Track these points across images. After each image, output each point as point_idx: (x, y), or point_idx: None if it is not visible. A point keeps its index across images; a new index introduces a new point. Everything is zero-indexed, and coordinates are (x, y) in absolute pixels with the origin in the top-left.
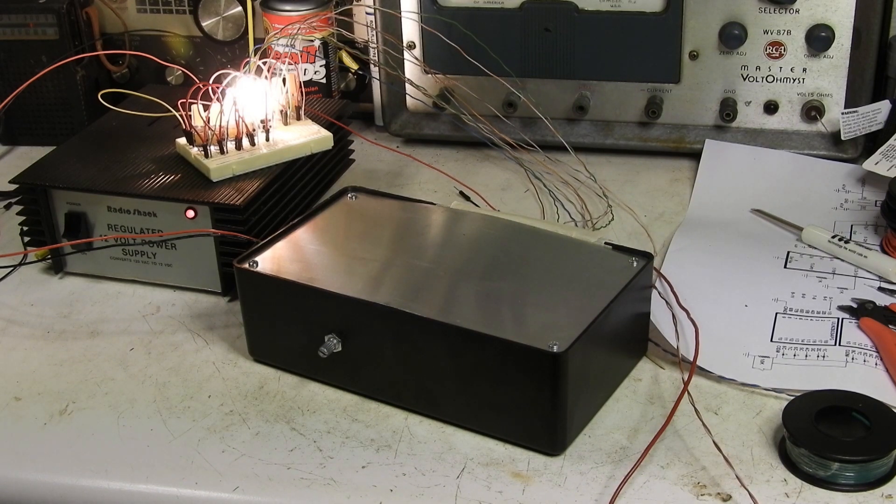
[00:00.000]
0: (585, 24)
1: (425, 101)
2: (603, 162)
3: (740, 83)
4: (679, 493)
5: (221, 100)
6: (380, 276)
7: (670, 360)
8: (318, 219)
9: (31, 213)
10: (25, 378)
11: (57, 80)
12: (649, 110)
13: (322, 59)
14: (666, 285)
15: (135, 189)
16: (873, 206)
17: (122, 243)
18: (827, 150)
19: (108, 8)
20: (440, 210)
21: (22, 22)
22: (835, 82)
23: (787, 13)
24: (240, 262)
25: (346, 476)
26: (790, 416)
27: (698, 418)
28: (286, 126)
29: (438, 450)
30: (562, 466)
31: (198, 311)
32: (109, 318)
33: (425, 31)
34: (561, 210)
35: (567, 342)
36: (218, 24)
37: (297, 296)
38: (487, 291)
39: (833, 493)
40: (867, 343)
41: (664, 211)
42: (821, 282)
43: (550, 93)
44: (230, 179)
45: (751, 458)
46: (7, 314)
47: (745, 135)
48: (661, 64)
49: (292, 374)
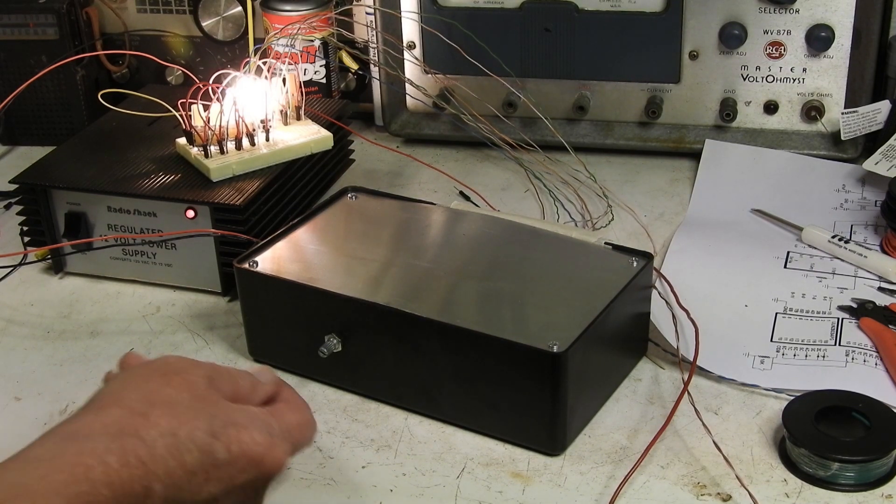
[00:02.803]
0: (585, 24)
1: (425, 101)
2: (603, 162)
3: (740, 83)
4: (679, 493)
5: (221, 100)
6: (380, 277)
7: (670, 360)
8: (318, 219)
9: (31, 213)
10: (25, 378)
11: (57, 80)
12: (649, 110)
13: (322, 59)
14: (666, 285)
15: (135, 189)
16: (873, 206)
17: (122, 243)
18: (827, 150)
19: (108, 8)
20: (440, 210)
21: (22, 22)
22: (835, 82)
23: (787, 13)
24: (240, 261)
25: (346, 476)
26: (790, 416)
27: (698, 418)
28: (286, 126)
29: (438, 450)
30: (562, 466)
31: (198, 311)
32: (109, 318)
33: (425, 31)
34: (561, 210)
35: (567, 342)
36: (218, 24)
37: (298, 296)
38: (487, 291)
39: (833, 493)
40: (867, 343)
41: (664, 211)
42: (821, 282)
43: (550, 93)
44: (230, 179)
45: (751, 458)
46: (7, 314)
47: (745, 135)
48: (661, 64)
49: (292, 374)
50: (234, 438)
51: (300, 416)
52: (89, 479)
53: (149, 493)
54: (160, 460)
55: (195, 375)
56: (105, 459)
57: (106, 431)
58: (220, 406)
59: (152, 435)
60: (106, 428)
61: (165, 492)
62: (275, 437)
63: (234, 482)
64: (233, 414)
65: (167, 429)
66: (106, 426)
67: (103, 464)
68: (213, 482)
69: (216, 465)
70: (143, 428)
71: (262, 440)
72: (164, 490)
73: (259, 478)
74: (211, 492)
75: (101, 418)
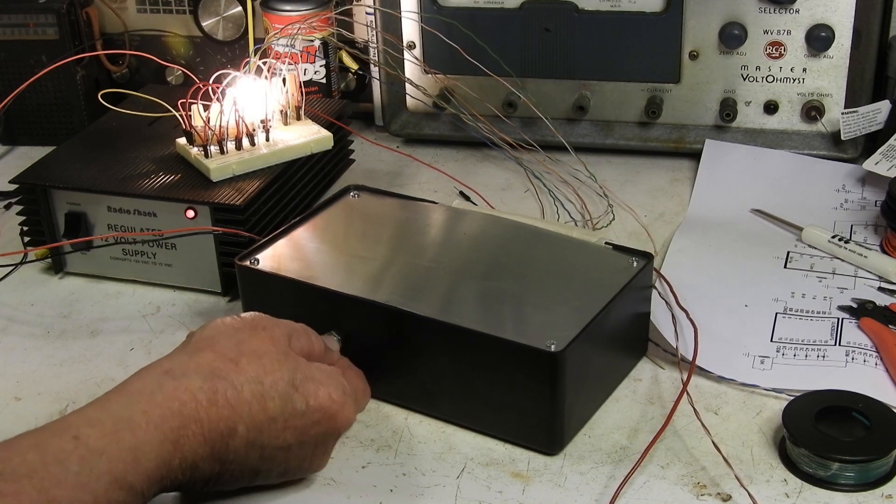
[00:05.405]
0: (585, 24)
1: (425, 101)
2: (603, 162)
3: (740, 83)
4: (679, 493)
5: (221, 100)
6: (380, 275)
7: (670, 360)
8: (319, 217)
9: (31, 212)
10: (25, 378)
11: (57, 80)
12: (649, 110)
13: (322, 59)
14: (666, 285)
15: (135, 189)
16: (873, 206)
17: (121, 241)
18: (827, 150)
19: (108, 8)
20: (441, 209)
21: (22, 22)
22: (835, 82)
23: (787, 13)
24: (241, 259)
25: (346, 476)
26: (790, 416)
27: (698, 418)
28: (286, 126)
29: (438, 450)
30: (562, 466)
31: (198, 311)
32: (109, 318)
33: (425, 31)
34: (561, 210)
35: (565, 342)
36: (218, 24)
37: (298, 294)
38: (488, 290)
39: (833, 493)
40: (867, 343)
41: (664, 211)
42: (821, 282)
43: (550, 93)
44: (230, 179)
45: (751, 458)
46: (7, 314)
47: (745, 135)
48: (661, 64)
49: None
50: (313, 393)
51: (362, 382)
52: (182, 414)
53: (233, 433)
54: (245, 404)
55: (278, 332)
56: (197, 397)
57: (199, 372)
58: (300, 362)
59: (241, 380)
60: (200, 368)
61: (248, 434)
62: (347, 396)
63: (308, 433)
64: (312, 371)
65: (254, 376)
66: (200, 367)
67: (195, 401)
68: (289, 430)
69: (294, 415)
70: (234, 372)
71: (337, 397)
72: (246, 432)
73: (329, 433)
74: (287, 439)
75: (195, 359)
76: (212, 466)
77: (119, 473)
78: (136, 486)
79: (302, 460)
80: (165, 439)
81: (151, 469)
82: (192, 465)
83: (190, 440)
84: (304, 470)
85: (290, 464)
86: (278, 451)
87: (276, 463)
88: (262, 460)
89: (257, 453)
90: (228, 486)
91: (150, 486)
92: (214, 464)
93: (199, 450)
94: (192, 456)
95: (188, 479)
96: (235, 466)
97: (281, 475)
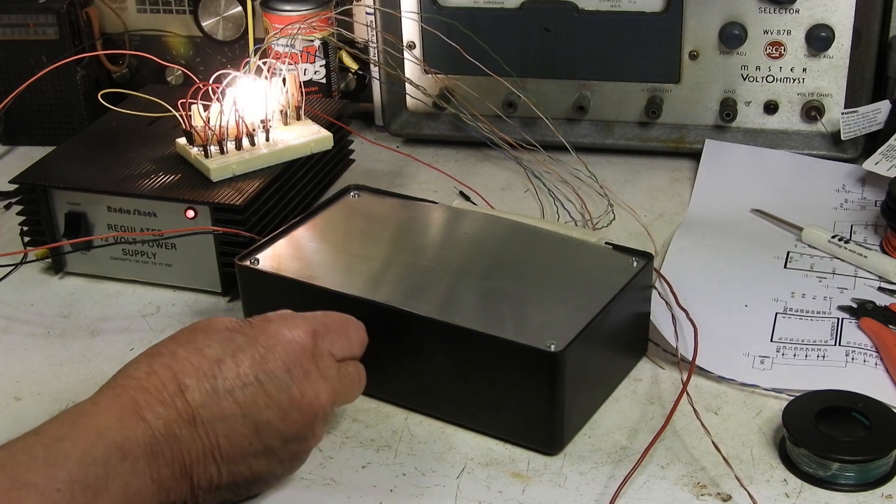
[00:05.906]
0: (585, 24)
1: (425, 101)
2: (603, 162)
3: (740, 83)
4: (679, 494)
5: (221, 100)
6: (380, 275)
7: (670, 360)
8: (319, 217)
9: (31, 212)
10: (25, 378)
11: (57, 80)
12: (649, 110)
13: (322, 59)
14: (666, 285)
15: (135, 189)
16: (873, 206)
17: (121, 241)
18: (827, 150)
19: (108, 8)
20: (441, 209)
21: (22, 22)
22: (835, 82)
23: (787, 13)
24: (241, 259)
25: (346, 476)
26: (790, 416)
27: (697, 419)
28: (286, 126)
29: (438, 450)
30: (562, 466)
31: (198, 311)
32: (109, 318)
33: (425, 31)
34: (561, 210)
35: (564, 342)
36: (218, 24)
37: (298, 293)
38: (488, 290)
39: (833, 493)
40: (867, 343)
41: (664, 211)
42: (821, 282)
43: (550, 93)
44: (230, 179)
45: (751, 458)
46: (7, 314)
47: (745, 135)
48: (661, 64)
49: None
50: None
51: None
52: (128, 389)
53: (183, 387)
54: (183, 360)
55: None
56: (136, 375)
57: (144, 357)
58: (236, 341)
59: (172, 348)
60: (146, 354)
61: (199, 384)
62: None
63: (262, 372)
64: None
65: (191, 347)
66: (147, 353)
67: (135, 378)
68: (244, 365)
69: (239, 350)
70: (169, 346)
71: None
72: (197, 382)
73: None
74: (246, 374)
75: (148, 351)
76: (191, 433)
77: (87, 449)
78: (110, 461)
79: (271, 407)
80: (122, 414)
81: (120, 441)
82: (169, 435)
83: (147, 409)
84: (283, 420)
85: (263, 414)
86: (242, 391)
87: (255, 407)
88: (236, 404)
89: (227, 400)
90: (233, 467)
91: (132, 459)
92: (191, 428)
93: (163, 414)
94: (160, 423)
95: (177, 453)
96: (220, 426)
97: (267, 423)
